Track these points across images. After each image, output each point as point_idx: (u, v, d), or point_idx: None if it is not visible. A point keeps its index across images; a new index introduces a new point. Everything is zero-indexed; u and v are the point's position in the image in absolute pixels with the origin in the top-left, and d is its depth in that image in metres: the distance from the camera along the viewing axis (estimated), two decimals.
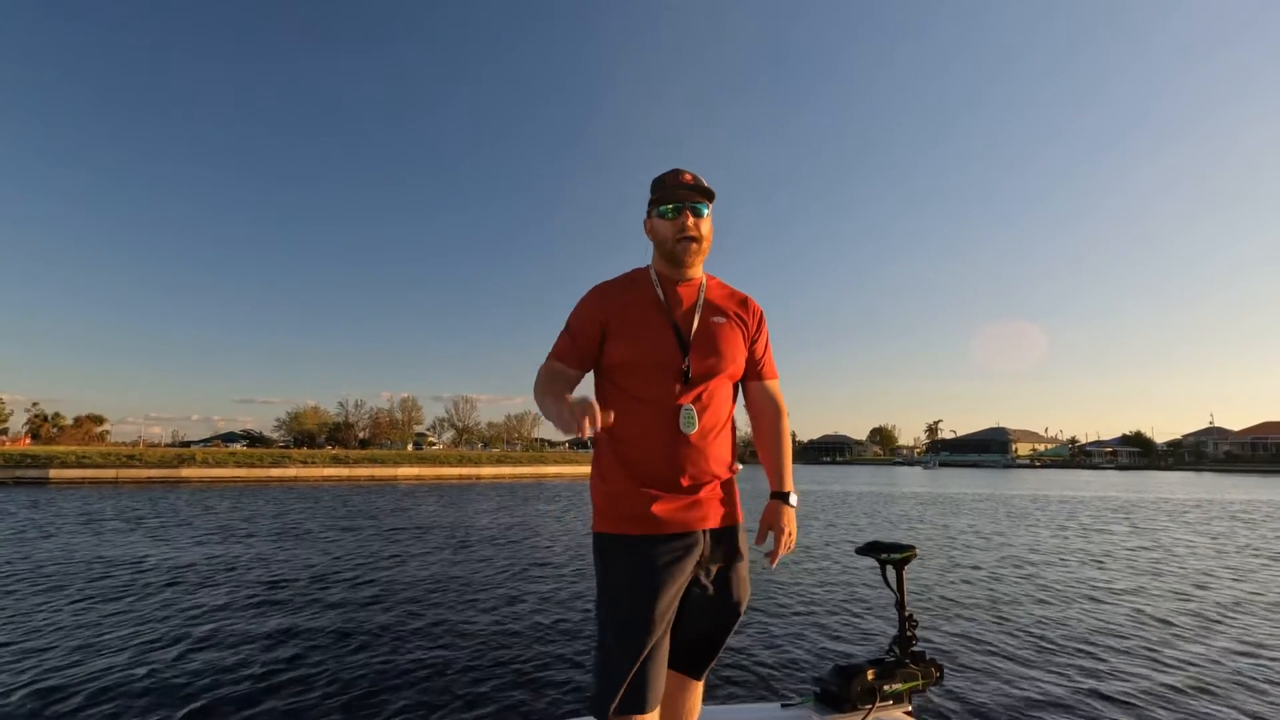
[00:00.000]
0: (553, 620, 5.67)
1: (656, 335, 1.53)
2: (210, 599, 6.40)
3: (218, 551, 9.48)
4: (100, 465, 29.22)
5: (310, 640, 5.03)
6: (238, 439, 74.73)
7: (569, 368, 1.59)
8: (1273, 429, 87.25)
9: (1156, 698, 3.98)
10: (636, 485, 1.48)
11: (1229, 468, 77.53)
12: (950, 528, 13.78)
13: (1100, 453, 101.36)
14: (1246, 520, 15.99)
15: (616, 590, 1.45)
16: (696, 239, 1.56)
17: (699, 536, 1.48)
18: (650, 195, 1.60)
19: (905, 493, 27.49)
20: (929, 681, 1.95)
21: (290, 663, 4.50)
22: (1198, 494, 27.87)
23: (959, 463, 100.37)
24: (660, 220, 1.58)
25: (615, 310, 1.57)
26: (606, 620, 1.45)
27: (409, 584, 7.24)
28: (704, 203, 1.57)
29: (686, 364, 1.51)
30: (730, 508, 1.57)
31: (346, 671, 4.34)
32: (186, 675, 4.22)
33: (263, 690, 4.00)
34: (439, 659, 4.62)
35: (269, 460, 34.55)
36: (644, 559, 1.43)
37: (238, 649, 4.78)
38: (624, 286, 1.63)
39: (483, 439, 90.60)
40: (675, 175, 1.57)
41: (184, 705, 3.75)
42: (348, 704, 3.82)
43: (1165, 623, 5.81)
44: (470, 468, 40.83)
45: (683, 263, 1.57)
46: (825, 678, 1.97)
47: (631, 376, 1.54)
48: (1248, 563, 9.35)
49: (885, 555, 1.98)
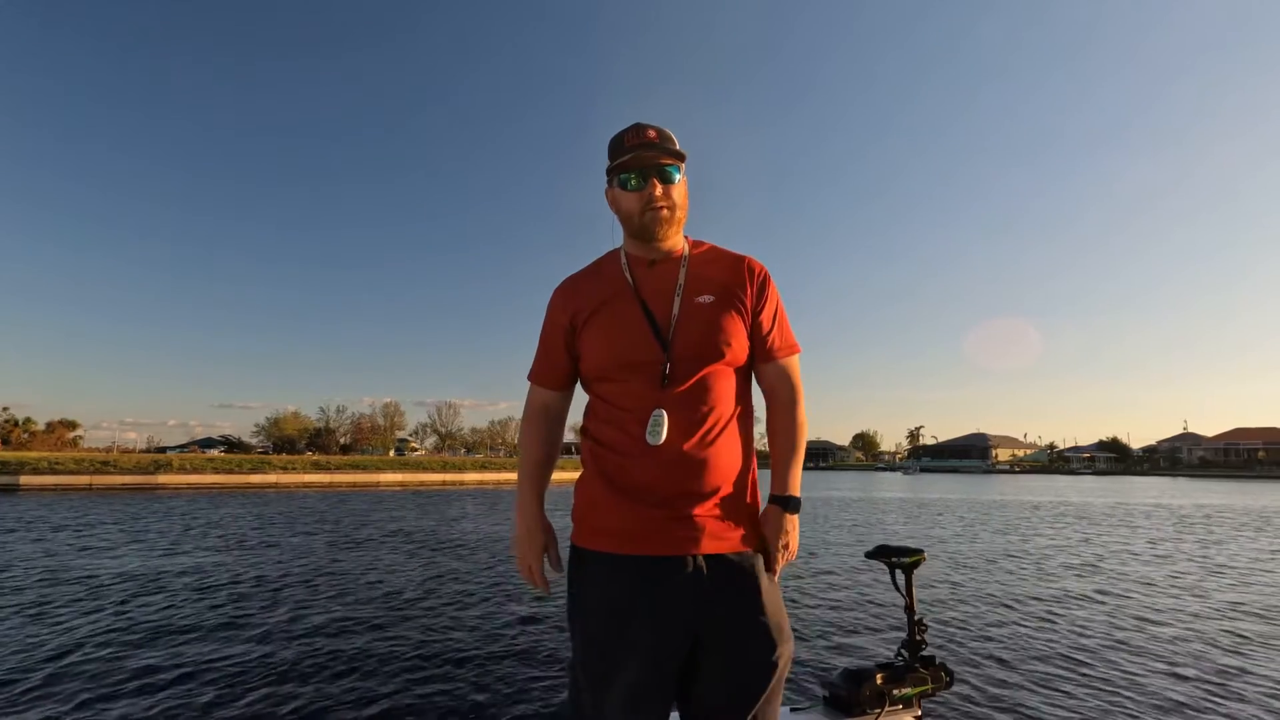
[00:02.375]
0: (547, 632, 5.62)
1: (628, 330, 1.28)
2: (190, 607, 6.26)
3: (199, 559, 9.28)
4: (74, 472, 28.50)
5: (305, 645, 4.93)
6: (216, 445, 73.38)
7: (546, 390, 1.42)
8: (1244, 435, 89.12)
9: (1169, 703, 3.93)
10: (614, 497, 1.26)
11: (1203, 473, 79.00)
12: (932, 534, 13.88)
13: (1078, 458, 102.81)
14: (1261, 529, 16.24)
15: (584, 610, 1.26)
16: (668, 207, 1.28)
17: (690, 562, 1.21)
18: (609, 161, 1.31)
19: (885, 498, 27.69)
20: (939, 686, 1.94)
21: (278, 669, 4.41)
22: (1194, 500, 28.33)
23: (940, 468, 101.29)
24: (623, 191, 1.30)
25: (581, 307, 1.34)
26: (574, 643, 1.28)
27: (405, 590, 7.13)
28: (674, 164, 1.28)
29: (666, 359, 1.25)
30: (740, 529, 1.27)
31: (334, 685, 4.26)
32: (150, 688, 4.12)
33: (242, 698, 3.92)
34: (432, 671, 4.55)
35: (248, 466, 33.95)
36: (616, 579, 1.22)
37: (225, 658, 4.68)
38: (588, 277, 1.39)
39: (466, 445, 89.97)
40: (636, 133, 1.28)
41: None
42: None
43: (1175, 628, 5.76)
44: (454, 474, 40.44)
45: (654, 236, 1.30)
46: (834, 682, 1.95)
47: (608, 384, 1.31)
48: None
49: (895, 559, 1.98)
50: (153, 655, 4.73)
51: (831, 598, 6.86)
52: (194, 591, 7.02)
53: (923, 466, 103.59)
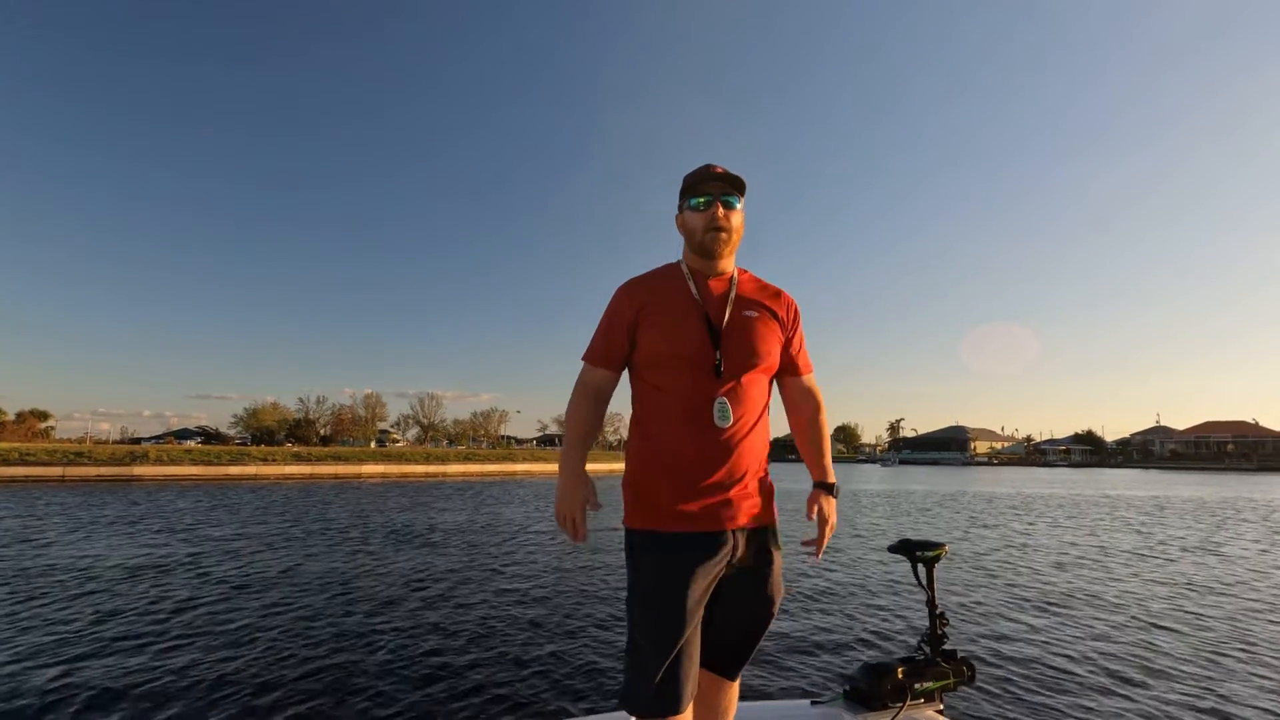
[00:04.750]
0: (565, 617, 5.58)
1: (688, 328, 1.52)
2: (183, 601, 6.14)
3: (180, 551, 9.12)
4: (46, 463, 27.86)
5: (301, 643, 4.86)
6: (193, 436, 72.10)
7: (600, 369, 1.61)
8: (1214, 428, 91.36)
9: (1190, 698, 3.93)
10: (668, 481, 1.46)
11: (1174, 465, 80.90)
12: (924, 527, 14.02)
13: (1054, 451, 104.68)
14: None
15: (646, 587, 1.44)
16: (726, 230, 1.55)
17: (730, 535, 1.46)
18: (681, 189, 1.60)
19: (858, 489, 27.96)
20: (960, 680, 1.93)
21: (269, 665, 4.34)
22: (1185, 492, 28.90)
23: (919, 460, 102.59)
24: (691, 213, 1.58)
25: (646, 304, 1.57)
26: (637, 619, 1.44)
27: (400, 581, 7.06)
28: (735, 195, 1.57)
29: (718, 358, 1.49)
30: (764, 507, 1.54)
31: (326, 675, 4.20)
32: (128, 682, 4.04)
33: (222, 694, 3.84)
34: (437, 659, 4.51)
35: (227, 458, 33.45)
36: (674, 556, 1.42)
37: (208, 651, 4.59)
38: (655, 280, 1.63)
39: (449, 436, 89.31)
40: (707, 169, 1.58)
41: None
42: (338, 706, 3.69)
43: (1198, 619, 5.81)
44: (437, 465, 40.21)
45: (713, 254, 1.56)
46: (855, 675, 1.95)
47: (663, 371, 1.53)
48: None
49: (918, 553, 1.97)
50: (136, 659, 4.64)
51: (850, 592, 6.88)
52: (190, 587, 6.89)
53: (902, 459, 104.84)
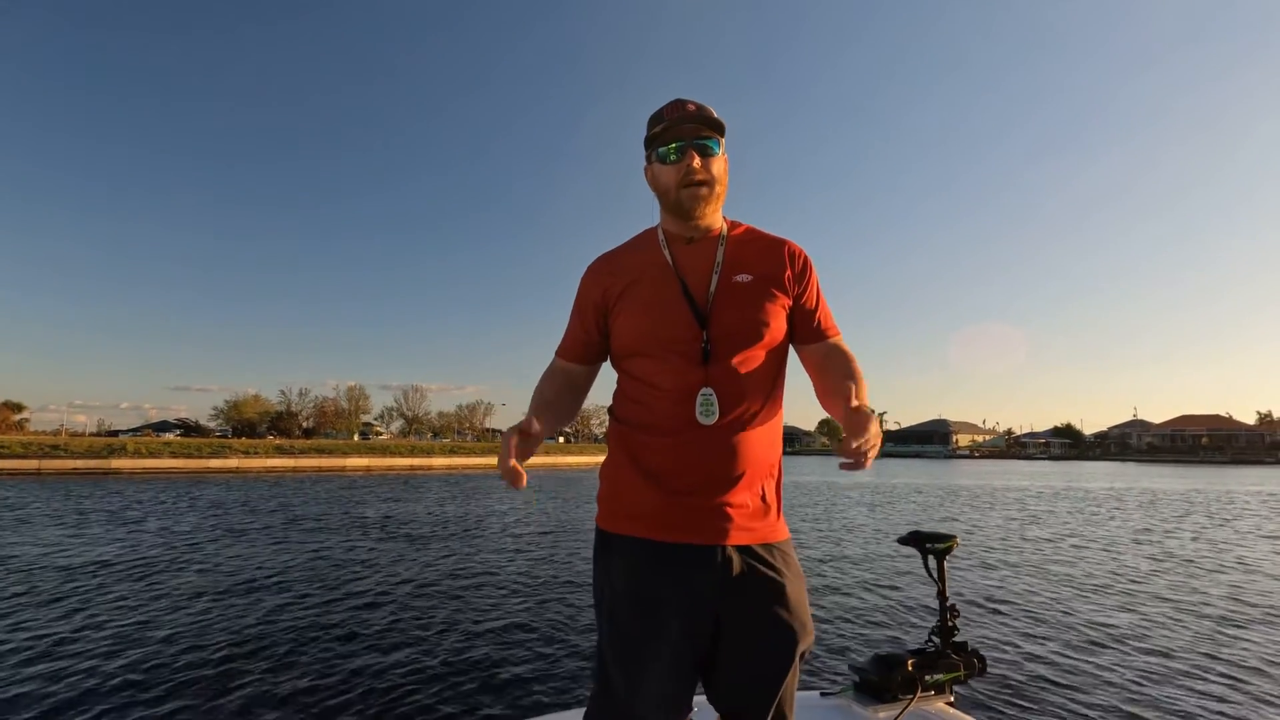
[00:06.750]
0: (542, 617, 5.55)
1: (665, 307, 1.23)
2: (165, 595, 6.04)
3: (157, 546, 8.98)
4: (21, 456, 27.37)
5: (296, 640, 4.79)
6: (172, 428, 71.03)
7: (570, 363, 1.36)
8: (1190, 421, 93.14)
9: (1204, 694, 3.93)
10: (644, 481, 1.20)
11: (1151, 458, 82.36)
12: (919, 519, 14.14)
13: (1034, 444, 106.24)
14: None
15: (611, 596, 1.21)
16: (707, 182, 1.23)
17: (719, 553, 1.16)
18: (646, 135, 1.26)
19: (827, 482, 28.21)
20: (971, 672, 1.92)
21: (246, 659, 4.27)
22: (1179, 486, 29.42)
23: (903, 453, 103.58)
24: (661, 165, 1.25)
25: (614, 283, 1.29)
26: (601, 628, 1.23)
27: (383, 575, 6.99)
28: (713, 138, 1.23)
29: (705, 338, 1.20)
30: (767, 521, 1.22)
31: (318, 673, 4.14)
32: (118, 679, 3.96)
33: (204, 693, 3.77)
34: (423, 658, 4.46)
35: (208, 450, 33.04)
36: (644, 566, 1.18)
37: (198, 649, 4.51)
38: (625, 254, 1.34)
39: (433, 429, 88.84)
40: (676, 107, 1.23)
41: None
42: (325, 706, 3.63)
43: (1209, 615, 5.83)
44: (421, 458, 39.98)
45: (692, 214, 1.24)
46: (865, 667, 1.93)
47: (641, 360, 1.25)
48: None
49: (928, 545, 1.95)
50: (130, 656, 4.55)
51: (859, 583, 6.87)
52: (179, 583, 6.77)
53: (885, 451, 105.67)
